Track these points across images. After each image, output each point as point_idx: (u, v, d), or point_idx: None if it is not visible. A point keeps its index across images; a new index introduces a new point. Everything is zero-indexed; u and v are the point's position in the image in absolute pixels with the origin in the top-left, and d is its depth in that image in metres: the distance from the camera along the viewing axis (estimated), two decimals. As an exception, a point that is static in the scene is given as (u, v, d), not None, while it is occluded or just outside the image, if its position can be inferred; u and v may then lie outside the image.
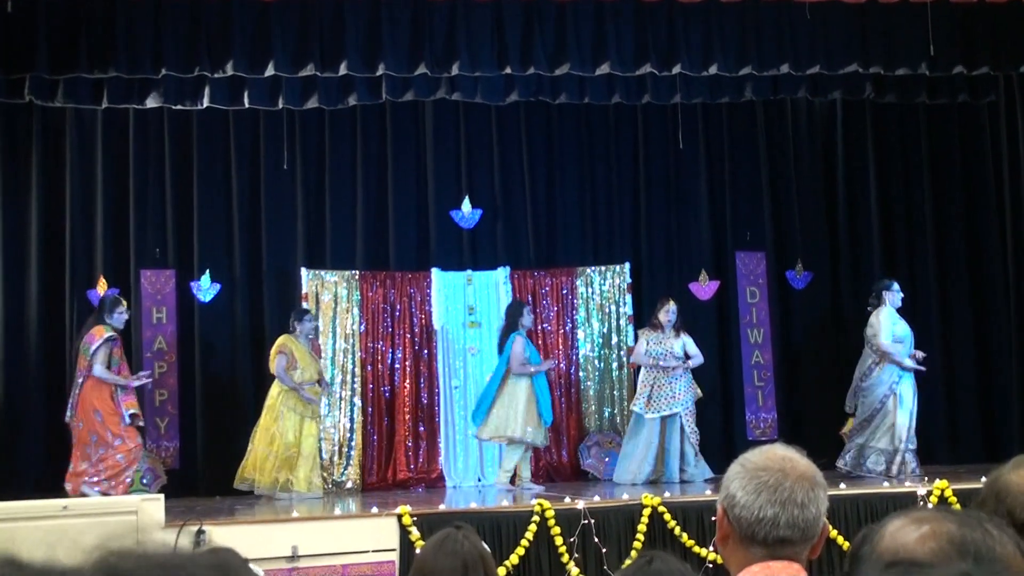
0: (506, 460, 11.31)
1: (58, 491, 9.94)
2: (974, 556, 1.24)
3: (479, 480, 11.94)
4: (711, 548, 8.89)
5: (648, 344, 11.49)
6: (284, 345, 11.19)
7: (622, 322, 12.49)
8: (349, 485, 11.71)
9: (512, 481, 11.25)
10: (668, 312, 11.54)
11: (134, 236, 11.93)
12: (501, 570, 8.44)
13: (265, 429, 11.04)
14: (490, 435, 11.30)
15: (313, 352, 11.50)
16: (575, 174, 12.85)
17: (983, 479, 2.79)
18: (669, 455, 11.28)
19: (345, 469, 11.81)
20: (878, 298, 11.26)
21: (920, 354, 11.19)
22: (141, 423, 10.74)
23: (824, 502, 2.43)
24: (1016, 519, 2.61)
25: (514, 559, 8.75)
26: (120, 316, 10.71)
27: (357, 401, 11.99)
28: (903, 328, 11.16)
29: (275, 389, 11.14)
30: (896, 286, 11.30)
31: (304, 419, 11.13)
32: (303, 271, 12.02)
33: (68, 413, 10.48)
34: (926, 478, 10.06)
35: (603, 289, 12.60)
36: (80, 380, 10.45)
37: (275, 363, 11.12)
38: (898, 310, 11.24)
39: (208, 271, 11.77)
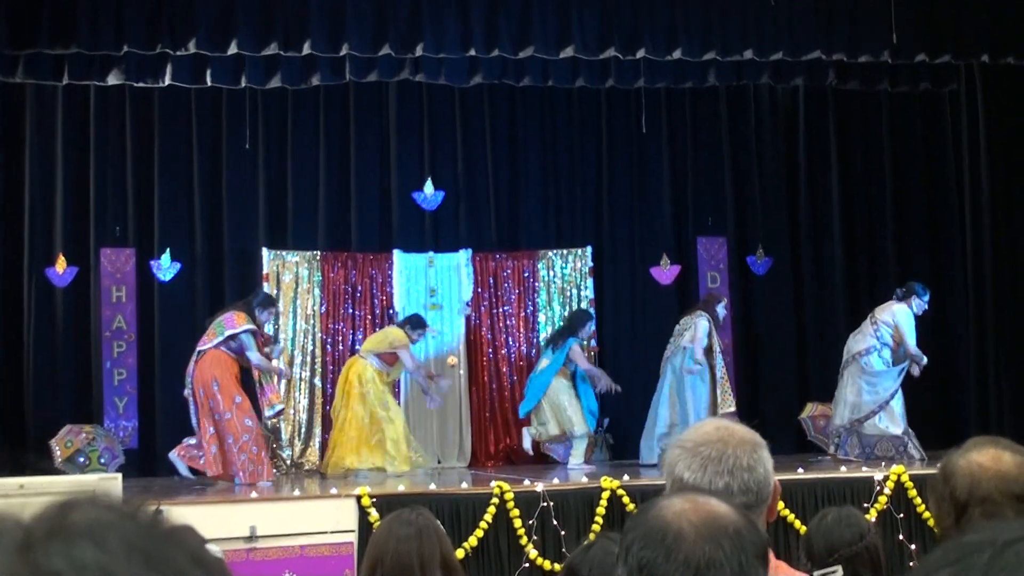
0: (576, 451, 11.30)
1: (14, 471, 9.84)
2: None
3: (438, 462, 11.93)
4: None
5: (708, 337, 11.29)
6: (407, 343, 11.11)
7: (583, 305, 12.50)
8: (308, 466, 11.68)
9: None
10: (726, 307, 11.63)
11: (94, 214, 11.82)
12: (460, 552, 8.45)
13: (360, 417, 10.85)
14: (535, 430, 11.43)
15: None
16: (538, 157, 12.84)
17: (938, 465, 2.83)
18: None
19: (304, 450, 11.79)
20: (906, 296, 11.06)
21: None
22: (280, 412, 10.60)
23: (768, 460, 2.42)
24: (957, 499, 2.66)
25: (472, 541, 8.76)
26: (269, 315, 10.72)
27: (317, 382, 11.96)
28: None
29: (368, 375, 10.96)
30: (927, 296, 11.12)
31: (387, 395, 11.11)
32: (264, 251, 11.97)
33: (187, 389, 10.24)
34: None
35: (565, 272, 12.60)
36: (199, 350, 10.19)
37: (410, 360, 11.07)
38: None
39: (168, 250, 11.70)
